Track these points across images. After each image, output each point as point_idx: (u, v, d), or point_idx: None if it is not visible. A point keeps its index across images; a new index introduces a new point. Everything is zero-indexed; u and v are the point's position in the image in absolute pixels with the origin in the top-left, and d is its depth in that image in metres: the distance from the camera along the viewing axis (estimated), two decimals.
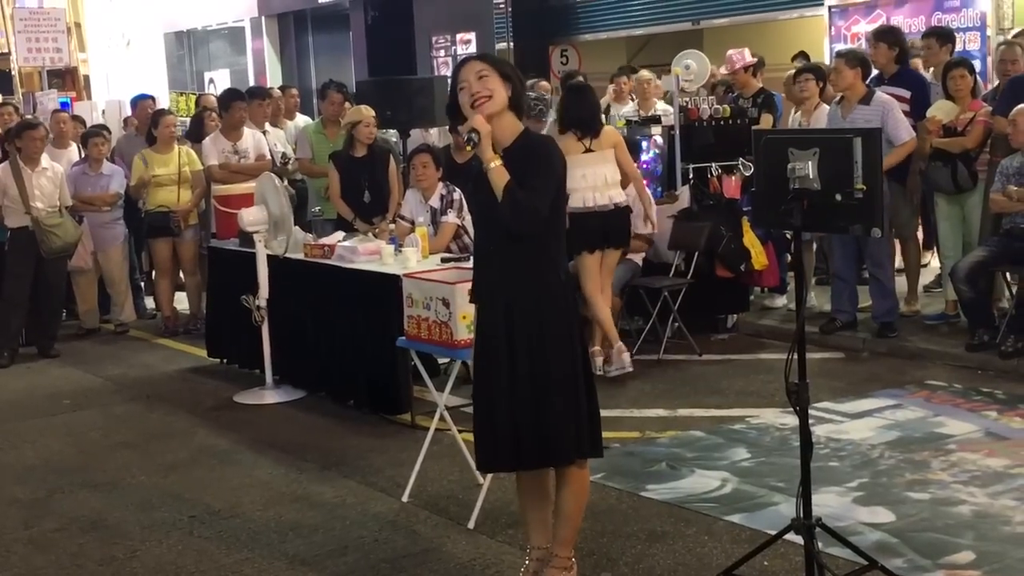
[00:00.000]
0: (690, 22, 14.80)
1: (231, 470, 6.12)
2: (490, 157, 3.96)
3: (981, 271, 7.49)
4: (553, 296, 4.02)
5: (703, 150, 8.62)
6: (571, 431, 4.04)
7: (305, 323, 7.43)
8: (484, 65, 4.04)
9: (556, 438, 4.01)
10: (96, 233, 9.79)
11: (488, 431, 4.08)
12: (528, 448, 4.02)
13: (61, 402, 7.77)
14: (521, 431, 4.00)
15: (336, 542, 5.02)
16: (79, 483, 6.01)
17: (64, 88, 21.46)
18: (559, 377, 4.01)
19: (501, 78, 4.02)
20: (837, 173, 4.02)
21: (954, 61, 8.15)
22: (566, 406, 4.02)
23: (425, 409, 6.51)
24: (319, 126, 9.64)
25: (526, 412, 3.99)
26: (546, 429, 4.00)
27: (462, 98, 4.03)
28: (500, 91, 4.01)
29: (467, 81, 4.01)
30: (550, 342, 4.00)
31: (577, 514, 4.19)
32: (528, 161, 3.97)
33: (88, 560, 4.97)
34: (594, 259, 7.37)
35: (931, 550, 4.61)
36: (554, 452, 4.05)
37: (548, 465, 4.12)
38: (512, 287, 4.01)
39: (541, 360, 3.99)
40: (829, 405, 6.69)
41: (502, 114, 4.02)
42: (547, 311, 4.00)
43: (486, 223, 4.11)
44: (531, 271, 4.01)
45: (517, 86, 4.08)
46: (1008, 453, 5.74)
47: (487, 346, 4.08)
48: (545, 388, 3.99)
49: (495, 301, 4.05)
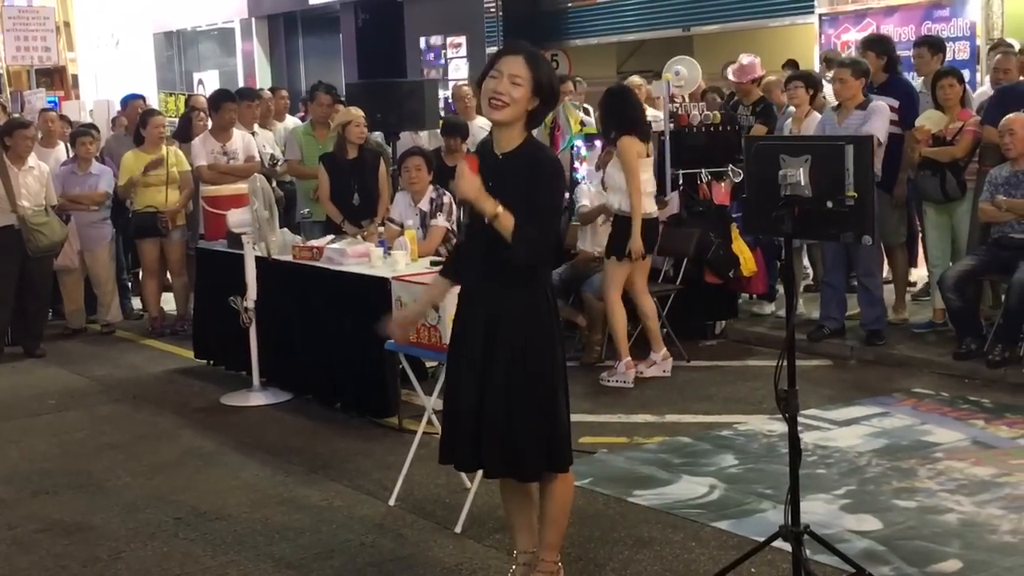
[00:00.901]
0: (681, 28, 14.80)
1: (217, 472, 6.09)
2: (491, 210, 3.76)
3: (969, 280, 7.51)
4: (539, 310, 3.96)
5: (693, 156, 8.62)
6: (542, 446, 3.97)
7: (293, 325, 7.41)
8: (525, 72, 3.78)
9: (523, 452, 3.95)
10: (83, 232, 9.76)
11: (452, 428, 4.07)
12: (493, 457, 3.97)
13: (46, 402, 7.73)
14: (487, 439, 3.95)
15: (322, 545, 5.00)
16: (64, 484, 5.98)
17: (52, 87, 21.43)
18: (535, 391, 3.94)
19: (532, 92, 3.80)
20: (828, 180, 4.01)
21: (943, 70, 8.17)
22: (539, 421, 3.95)
23: (413, 412, 6.50)
24: (308, 128, 9.62)
25: (496, 422, 3.93)
26: (516, 442, 3.93)
27: (488, 84, 3.82)
28: (522, 103, 3.80)
29: (501, 73, 3.79)
30: (530, 355, 3.93)
31: (562, 519, 4.16)
32: (533, 173, 3.82)
33: (72, 561, 4.94)
34: (627, 267, 7.42)
35: (918, 558, 4.61)
36: (520, 466, 3.99)
37: (512, 477, 4.07)
38: (497, 297, 3.93)
39: (519, 372, 3.91)
40: (817, 412, 6.69)
41: (512, 124, 3.85)
42: (531, 324, 3.93)
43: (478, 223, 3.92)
44: (518, 283, 3.92)
45: (544, 104, 3.85)
46: (995, 462, 5.75)
47: (463, 351, 4.03)
48: (520, 401, 3.92)
49: (476, 309, 3.98)
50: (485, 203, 3.78)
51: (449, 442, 4.11)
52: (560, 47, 16.12)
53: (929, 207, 8.10)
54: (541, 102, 3.86)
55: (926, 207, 8.13)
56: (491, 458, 3.99)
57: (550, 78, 3.87)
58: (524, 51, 3.87)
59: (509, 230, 3.76)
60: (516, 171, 3.84)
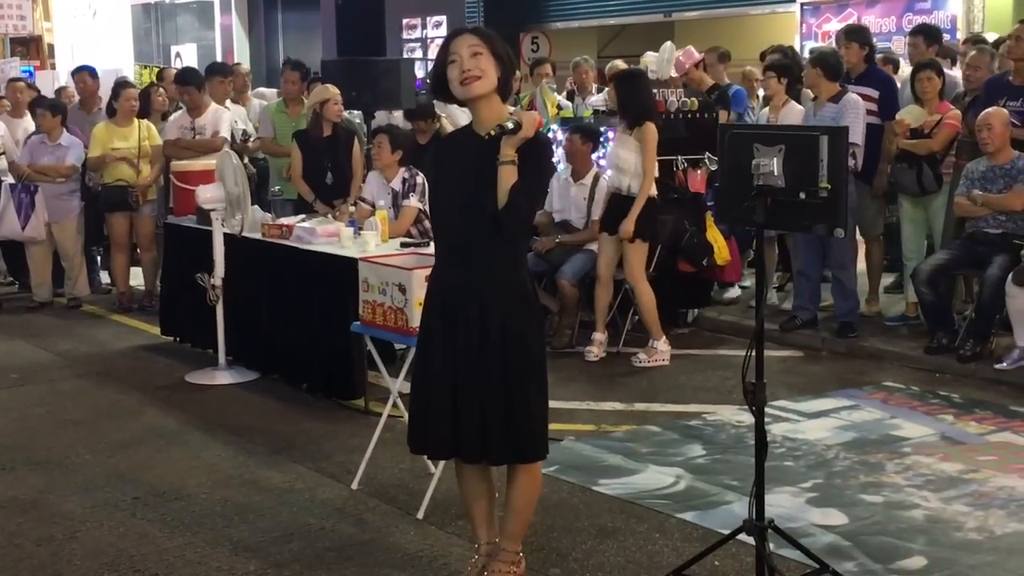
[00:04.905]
0: (662, 14, 14.75)
1: (178, 451, 6.00)
2: (510, 154, 3.74)
3: (942, 274, 7.48)
4: (528, 290, 3.93)
5: (672, 143, 8.56)
6: (542, 428, 3.96)
7: (261, 304, 7.31)
8: (478, 41, 3.78)
9: (528, 435, 3.90)
10: (50, 204, 9.62)
11: (433, 419, 3.96)
12: (496, 444, 3.89)
13: (8, 376, 7.61)
14: (489, 427, 3.87)
15: (282, 528, 4.93)
16: (21, 460, 5.88)
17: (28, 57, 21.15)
18: (532, 372, 3.91)
19: (494, 58, 3.80)
20: (802, 171, 3.95)
21: (922, 63, 8.11)
22: (536, 403, 3.92)
23: (379, 395, 6.40)
24: (281, 105, 9.48)
25: (497, 409, 3.86)
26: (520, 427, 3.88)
27: (451, 72, 3.80)
28: (491, 72, 3.79)
29: (459, 55, 3.77)
30: (527, 337, 3.89)
31: (527, 509, 4.10)
32: (524, 147, 3.78)
33: (25, 540, 4.85)
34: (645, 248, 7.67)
35: (882, 554, 4.58)
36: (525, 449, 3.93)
37: (519, 460, 3.98)
38: (486, 279, 3.85)
39: (516, 356, 3.86)
40: (786, 404, 6.66)
41: (489, 97, 3.83)
42: (523, 305, 3.90)
43: (461, 207, 3.85)
44: (505, 263, 3.87)
45: (507, 69, 3.87)
46: (962, 458, 5.72)
47: (443, 336, 3.93)
48: (519, 385, 3.87)
49: (466, 293, 3.87)
50: (514, 144, 3.75)
51: (421, 430, 4.03)
52: (541, 29, 16.04)
53: (905, 200, 8.07)
54: (504, 70, 3.86)
55: (902, 200, 8.10)
56: (496, 444, 3.90)
57: (503, 45, 3.89)
58: (469, 29, 3.90)
59: (507, 187, 3.73)
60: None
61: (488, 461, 4.02)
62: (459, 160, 3.91)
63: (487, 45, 3.80)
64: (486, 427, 3.88)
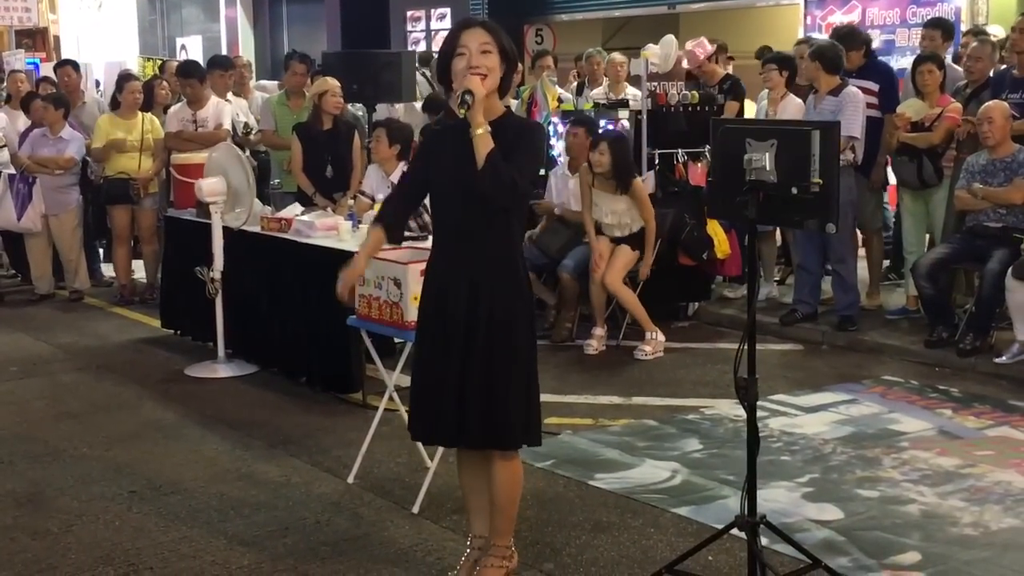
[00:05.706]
0: (667, 6, 14.69)
1: (176, 445, 6.01)
2: (479, 122, 3.78)
3: (943, 268, 7.46)
4: (519, 279, 3.95)
5: (672, 136, 8.54)
6: (520, 417, 3.96)
7: (260, 297, 7.31)
8: (489, 39, 3.82)
9: (504, 422, 3.92)
10: (48, 197, 9.62)
11: (429, 404, 3.99)
12: (472, 428, 3.92)
13: (8, 369, 7.62)
14: (468, 410, 3.90)
15: (277, 523, 4.93)
16: (19, 453, 5.89)
17: (34, 49, 21.17)
18: (514, 361, 3.92)
19: (500, 57, 3.84)
20: (794, 166, 3.93)
21: (923, 56, 8.08)
22: (516, 392, 3.93)
23: (377, 389, 6.39)
24: (282, 98, 9.48)
25: (476, 393, 3.89)
26: (496, 413, 3.90)
27: (458, 64, 3.83)
28: (496, 71, 3.84)
29: (468, 48, 3.80)
30: (513, 325, 3.90)
31: (510, 504, 4.09)
32: (510, 139, 3.83)
33: (21, 533, 4.86)
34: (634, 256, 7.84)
35: (877, 550, 4.57)
36: (501, 436, 3.95)
37: (492, 447, 4.00)
38: (478, 266, 3.88)
39: (500, 342, 3.88)
40: (784, 398, 6.64)
41: (491, 93, 3.86)
42: (513, 293, 3.92)
43: (455, 194, 3.90)
44: (498, 251, 3.90)
45: (511, 67, 3.92)
46: (960, 453, 5.71)
47: (441, 320, 3.95)
48: (500, 372, 3.89)
49: (458, 278, 3.90)
50: (478, 113, 3.77)
51: (423, 417, 4.04)
52: (545, 22, 15.98)
53: (905, 193, 8.05)
54: (507, 66, 3.91)
55: (902, 193, 8.08)
56: (471, 429, 3.92)
57: (509, 41, 3.93)
58: (479, 22, 3.93)
59: (483, 153, 3.75)
60: (496, 139, 3.80)
61: (464, 444, 4.04)
62: (448, 148, 3.94)
63: (497, 43, 3.84)
64: (464, 410, 3.90)
